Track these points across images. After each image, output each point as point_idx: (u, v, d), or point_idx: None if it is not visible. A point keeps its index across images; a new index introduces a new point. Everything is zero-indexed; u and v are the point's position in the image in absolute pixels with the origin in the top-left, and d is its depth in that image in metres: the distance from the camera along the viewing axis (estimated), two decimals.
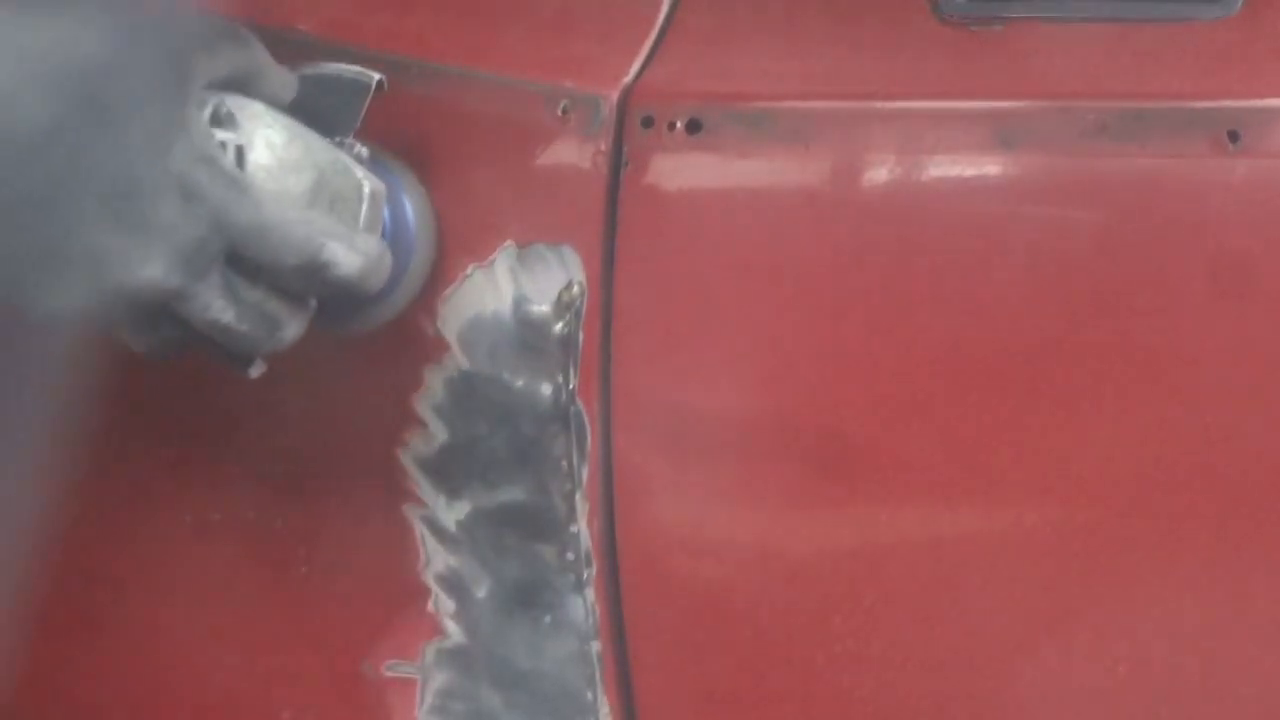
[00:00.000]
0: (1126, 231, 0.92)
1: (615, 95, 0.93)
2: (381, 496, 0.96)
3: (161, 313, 0.80)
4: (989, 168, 0.92)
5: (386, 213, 0.88)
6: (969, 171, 0.93)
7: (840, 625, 0.94)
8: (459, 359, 0.94)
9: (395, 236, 0.90)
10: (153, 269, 0.76)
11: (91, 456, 0.95)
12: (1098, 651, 0.94)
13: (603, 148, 0.93)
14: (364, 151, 0.87)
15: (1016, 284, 0.92)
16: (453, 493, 0.95)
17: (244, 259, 0.80)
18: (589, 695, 0.95)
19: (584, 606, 0.95)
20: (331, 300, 0.86)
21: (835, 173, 0.92)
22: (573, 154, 0.93)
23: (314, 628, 0.97)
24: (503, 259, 0.94)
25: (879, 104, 0.93)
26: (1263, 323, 0.92)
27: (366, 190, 0.85)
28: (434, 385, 0.95)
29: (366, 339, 0.94)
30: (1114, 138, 0.91)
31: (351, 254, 0.82)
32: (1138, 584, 0.94)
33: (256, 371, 0.86)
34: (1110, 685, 0.94)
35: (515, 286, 0.93)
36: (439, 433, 0.95)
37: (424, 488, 0.95)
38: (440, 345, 0.94)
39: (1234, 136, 0.90)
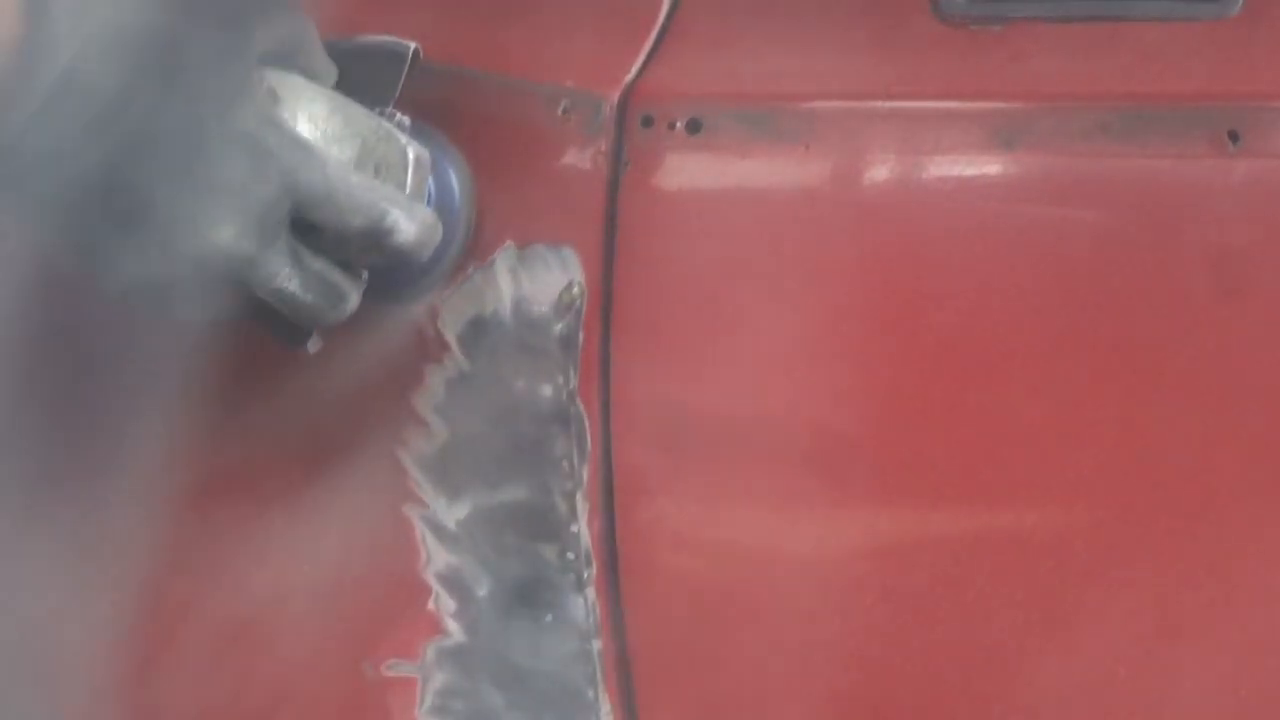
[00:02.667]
0: (1126, 232, 0.92)
1: (615, 95, 0.93)
2: (382, 496, 0.96)
3: (226, 282, 0.80)
4: (989, 168, 0.92)
5: (430, 181, 0.88)
6: (969, 171, 0.93)
7: (840, 625, 0.94)
8: (459, 359, 0.94)
9: (440, 205, 0.90)
10: (225, 231, 0.77)
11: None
12: (1098, 651, 0.94)
13: (603, 148, 0.93)
14: (405, 120, 0.87)
15: (1016, 284, 0.92)
16: (453, 492, 0.95)
17: (308, 226, 0.81)
18: (590, 694, 0.95)
19: (584, 605, 0.95)
20: (381, 271, 0.86)
21: (835, 173, 0.93)
22: (573, 154, 0.93)
23: (314, 627, 0.97)
24: (503, 259, 0.94)
25: (879, 104, 0.93)
26: (1263, 322, 0.92)
27: (411, 157, 0.85)
28: (435, 385, 0.95)
29: (366, 338, 0.94)
30: (1114, 138, 0.91)
31: (410, 221, 0.83)
32: (1138, 583, 0.94)
33: (314, 347, 0.86)
34: (1110, 685, 0.94)
35: (515, 286, 0.94)
36: (440, 432, 0.95)
37: (425, 487, 0.95)
38: (440, 345, 0.94)
39: (1234, 136, 0.90)
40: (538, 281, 0.93)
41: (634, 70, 0.94)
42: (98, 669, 0.95)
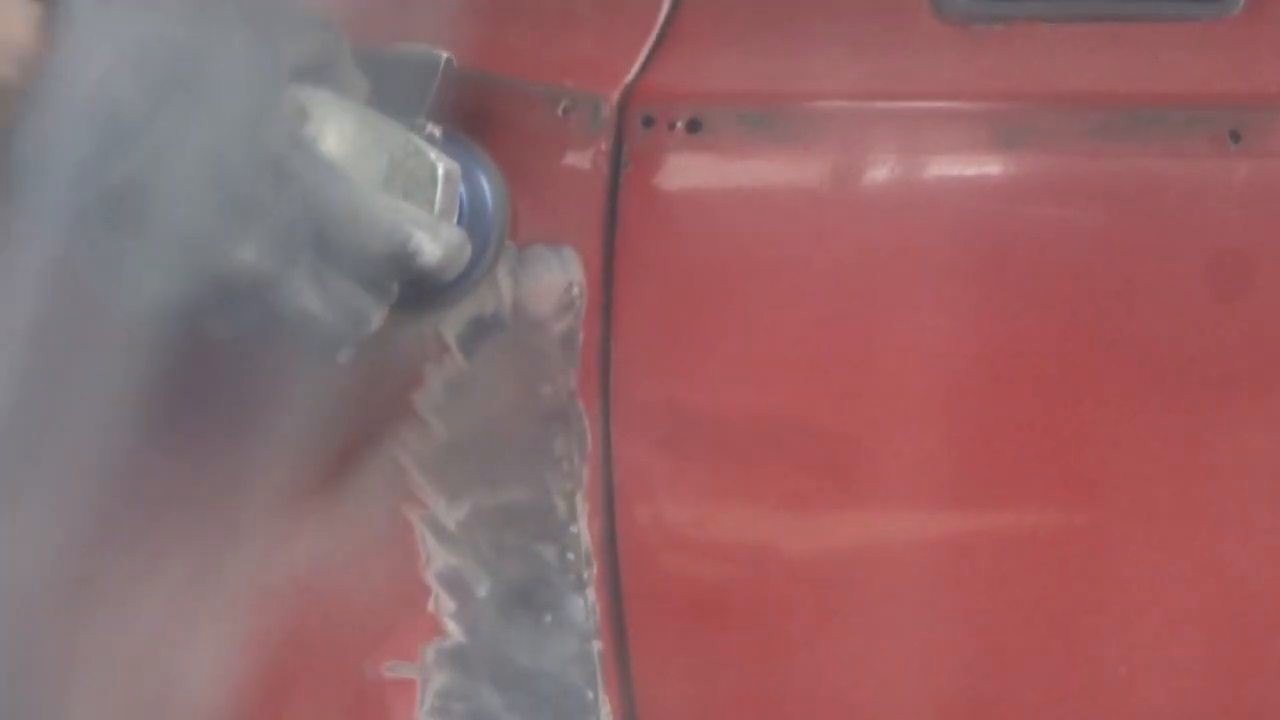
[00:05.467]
0: (1127, 231, 0.92)
1: (615, 95, 0.93)
2: (382, 496, 0.96)
3: (250, 299, 0.80)
4: (990, 167, 0.92)
5: (463, 191, 0.88)
6: (969, 171, 0.93)
7: (840, 625, 0.94)
8: (459, 359, 0.94)
9: (473, 215, 0.90)
10: (247, 251, 0.77)
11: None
12: (1098, 651, 0.94)
13: (603, 148, 0.93)
14: (436, 132, 0.86)
15: (1017, 283, 0.93)
16: (453, 492, 0.95)
17: (331, 247, 0.80)
18: (589, 694, 0.95)
19: (584, 606, 0.95)
20: (411, 285, 0.86)
21: (835, 173, 0.93)
22: (573, 154, 0.93)
23: (314, 628, 0.97)
24: (503, 259, 0.94)
25: (879, 104, 0.93)
26: (1263, 322, 0.92)
27: (440, 172, 0.84)
28: (434, 385, 0.95)
29: (367, 339, 0.94)
30: (1114, 138, 0.91)
31: (435, 244, 0.83)
32: (1137, 583, 0.94)
33: (344, 359, 0.86)
34: (1110, 684, 0.94)
35: (515, 286, 0.93)
36: (439, 433, 0.95)
37: (424, 487, 0.95)
38: (440, 345, 0.94)
39: (1235, 136, 0.91)
40: (538, 281, 0.93)
41: (634, 70, 0.94)
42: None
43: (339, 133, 0.81)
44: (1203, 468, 0.93)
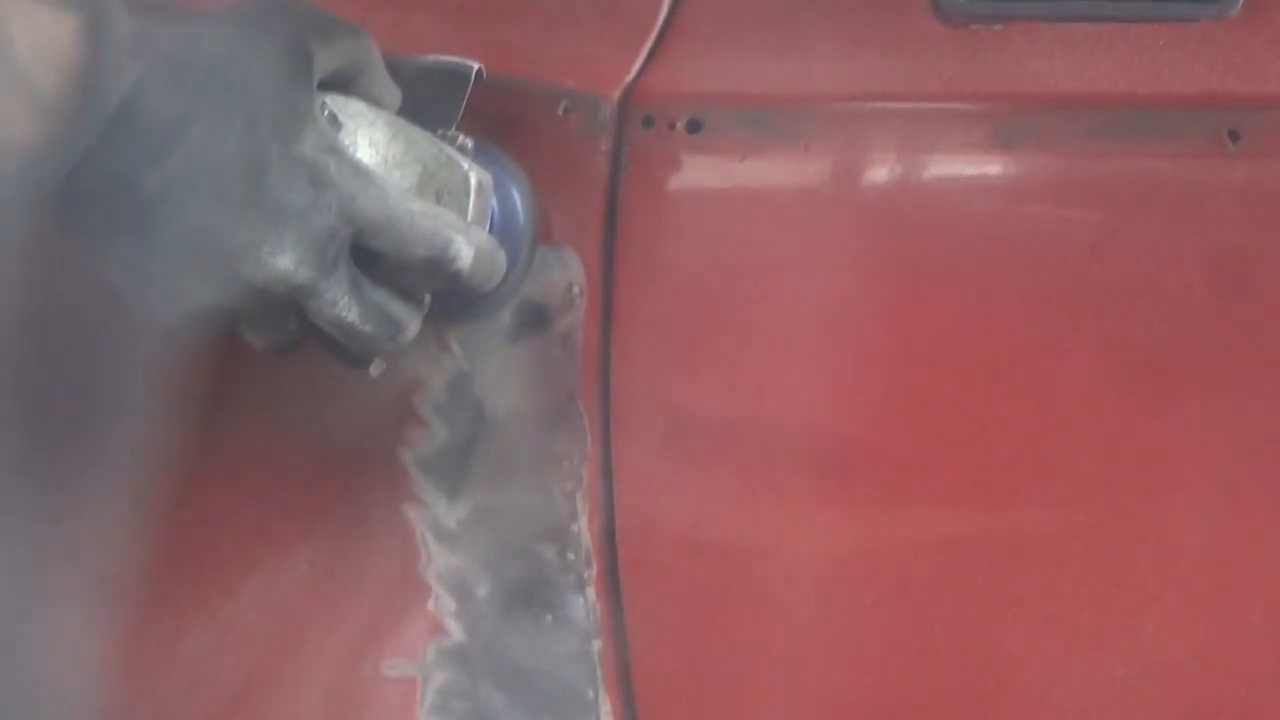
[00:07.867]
0: (1126, 231, 0.92)
1: (616, 95, 0.93)
2: (382, 496, 0.96)
3: (286, 309, 0.80)
4: (989, 168, 0.92)
5: (494, 203, 0.88)
6: (969, 171, 0.93)
7: (840, 625, 0.94)
8: (459, 359, 0.94)
9: (505, 227, 0.90)
10: (284, 260, 0.76)
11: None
12: (1097, 651, 0.94)
13: (603, 148, 0.93)
14: (468, 143, 0.86)
15: (1016, 284, 0.93)
16: (454, 492, 0.95)
17: (369, 255, 0.80)
18: (590, 693, 0.96)
19: (585, 605, 0.95)
20: (445, 294, 0.86)
21: (835, 173, 0.93)
22: (573, 154, 0.93)
23: (314, 627, 0.97)
24: None
25: (879, 104, 0.93)
26: (1263, 322, 0.92)
27: (473, 182, 0.84)
28: (435, 385, 0.95)
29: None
30: (1114, 138, 0.91)
31: (469, 249, 0.82)
32: (1137, 583, 0.94)
33: (376, 370, 0.85)
34: (1109, 685, 0.94)
35: None
36: (440, 432, 0.95)
37: (425, 487, 0.95)
38: (441, 345, 0.94)
39: (1234, 136, 0.91)
40: (538, 281, 0.93)
41: (634, 70, 0.94)
42: (67, 674, 0.94)
43: (370, 142, 0.81)
44: (1202, 467, 0.93)
